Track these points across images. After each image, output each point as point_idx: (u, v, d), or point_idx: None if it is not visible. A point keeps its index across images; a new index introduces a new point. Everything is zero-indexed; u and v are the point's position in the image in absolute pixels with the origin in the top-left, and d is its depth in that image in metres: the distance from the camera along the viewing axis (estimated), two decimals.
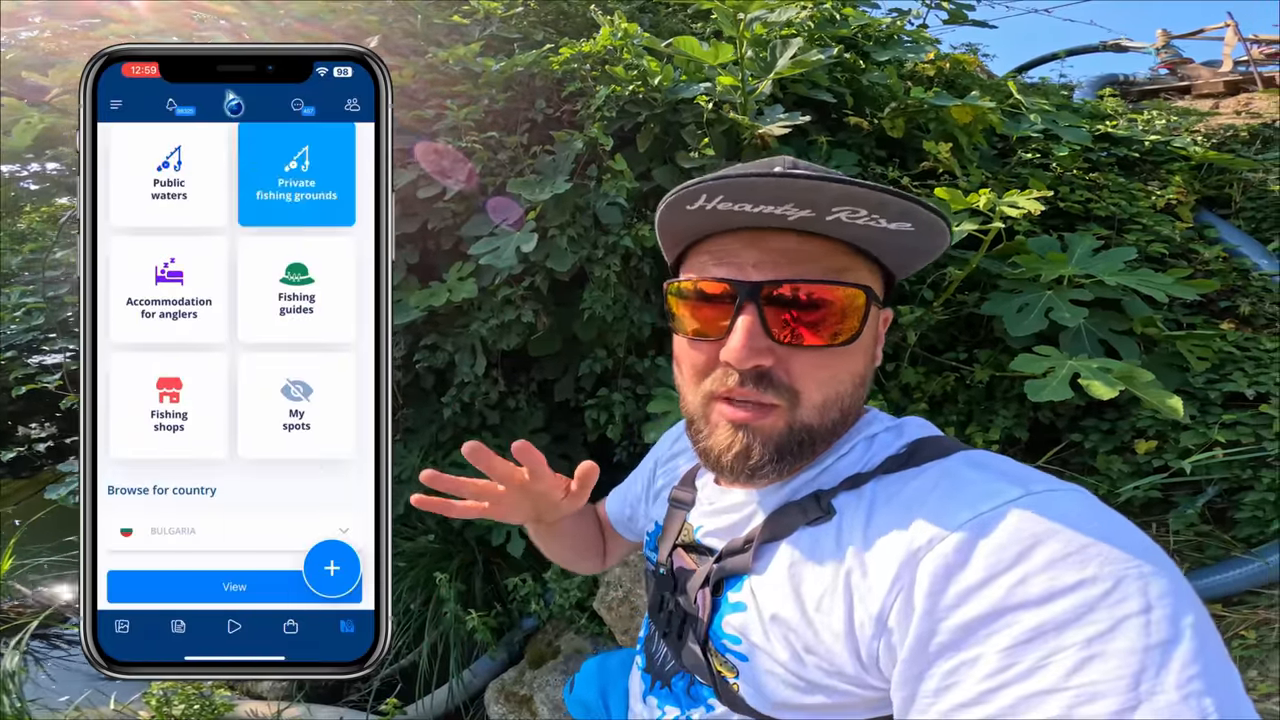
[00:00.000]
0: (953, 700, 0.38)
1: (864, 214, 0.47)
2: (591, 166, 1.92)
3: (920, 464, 0.51)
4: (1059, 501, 0.43)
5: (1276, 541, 1.74)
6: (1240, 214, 2.77)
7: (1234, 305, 2.29)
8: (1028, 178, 2.41)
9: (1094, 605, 0.36)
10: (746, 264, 0.51)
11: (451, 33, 2.23)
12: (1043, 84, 4.08)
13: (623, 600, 1.97)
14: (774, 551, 0.54)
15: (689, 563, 0.62)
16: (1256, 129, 3.33)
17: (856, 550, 0.48)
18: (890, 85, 2.28)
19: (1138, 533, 0.41)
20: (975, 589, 0.40)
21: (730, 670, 0.55)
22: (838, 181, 0.45)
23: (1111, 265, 1.93)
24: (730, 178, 0.47)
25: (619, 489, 0.89)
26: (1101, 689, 0.34)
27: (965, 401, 2.06)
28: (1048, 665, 0.35)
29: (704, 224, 0.53)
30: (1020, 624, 0.37)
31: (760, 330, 0.50)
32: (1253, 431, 1.84)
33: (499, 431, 2.14)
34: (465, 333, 1.98)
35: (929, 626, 0.41)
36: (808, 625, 0.49)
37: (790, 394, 0.51)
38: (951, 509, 0.44)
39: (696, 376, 0.55)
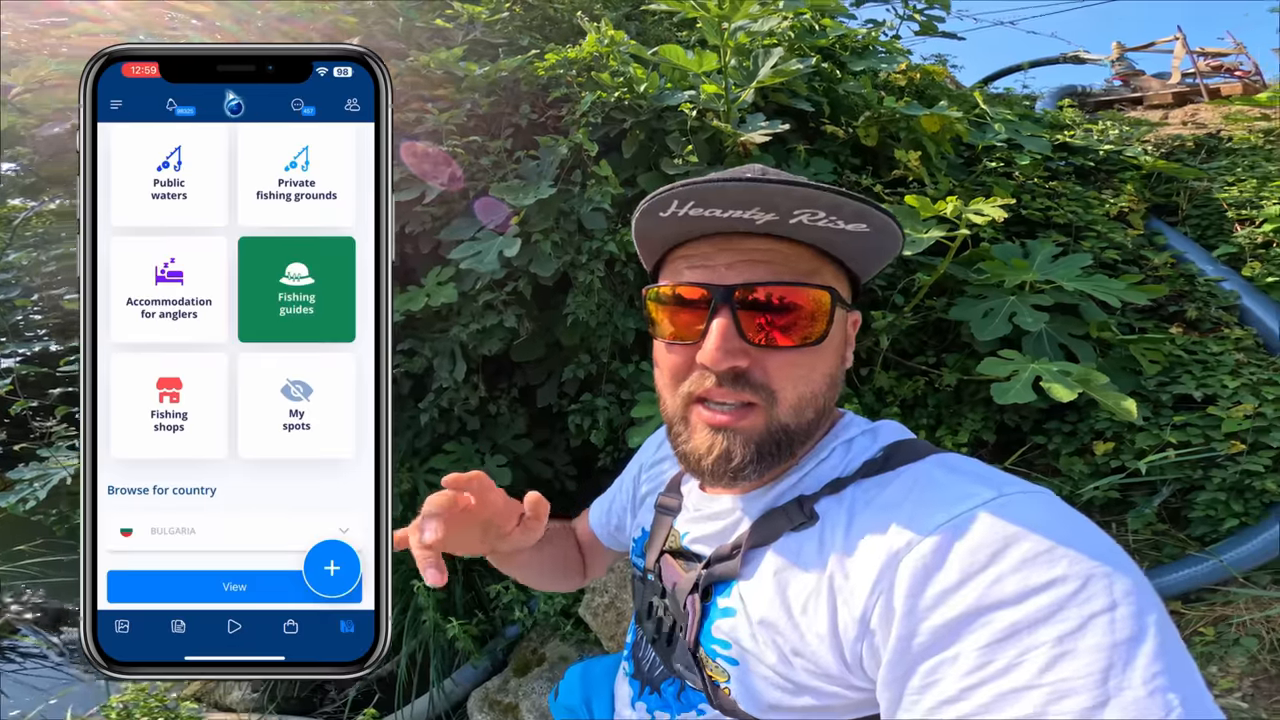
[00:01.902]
0: (935, 698, 0.40)
1: (823, 216, 0.49)
2: (576, 172, 1.93)
3: (895, 468, 0.53)
4: (1028, 503, 0.45)
5: (1230, 539, 1.82)
6: (1187, 221, 2.92)
7: (1182, 310, 2.41)
8: (992, 185, 2.50)
9: (1064, 604, 0.38)
10: (720, 266, 0.53)
11: (434, 36, 2.21)
12: (1007, 94, 4.25)
13: (608, 606, 1.97)
14: (761, 557, 0.55)
15: (677, 569, 0.63)
16: (1202, 139, 3.52)
17: (838, 554, 0.49)
18: (865, 94, 2.35)
19: (1100, 533, 0.44)
20: (952, 590, 0.41)
21: (722, 674, 0.56)
22: (799, 185, 0.48)
23: (1069, 271, 2.02)
24: (699, 184, 0.49)
25: (602, 500, 0.88)
26: (1073, 685, 0.36)
27: (935, 405, 2.12)
28: (1023, 663, 0.37)
29: (678, 230, 0.55)
30: (996, 623, 0.39)
31: (734, 332, 0.51)
32: (1202, 433, 1.94)
33: (479, 437, 2.13)
34: (444, 337, 1.96)
35: (910, 627, 0.42)
36: (794, 628, 0.50)
37: (767, 393, 0.53)
38: (927, 512, 0.46)
39: (675, 379, 0.56)
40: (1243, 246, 2.67)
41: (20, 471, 2.05)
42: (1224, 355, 2.16)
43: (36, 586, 2.91)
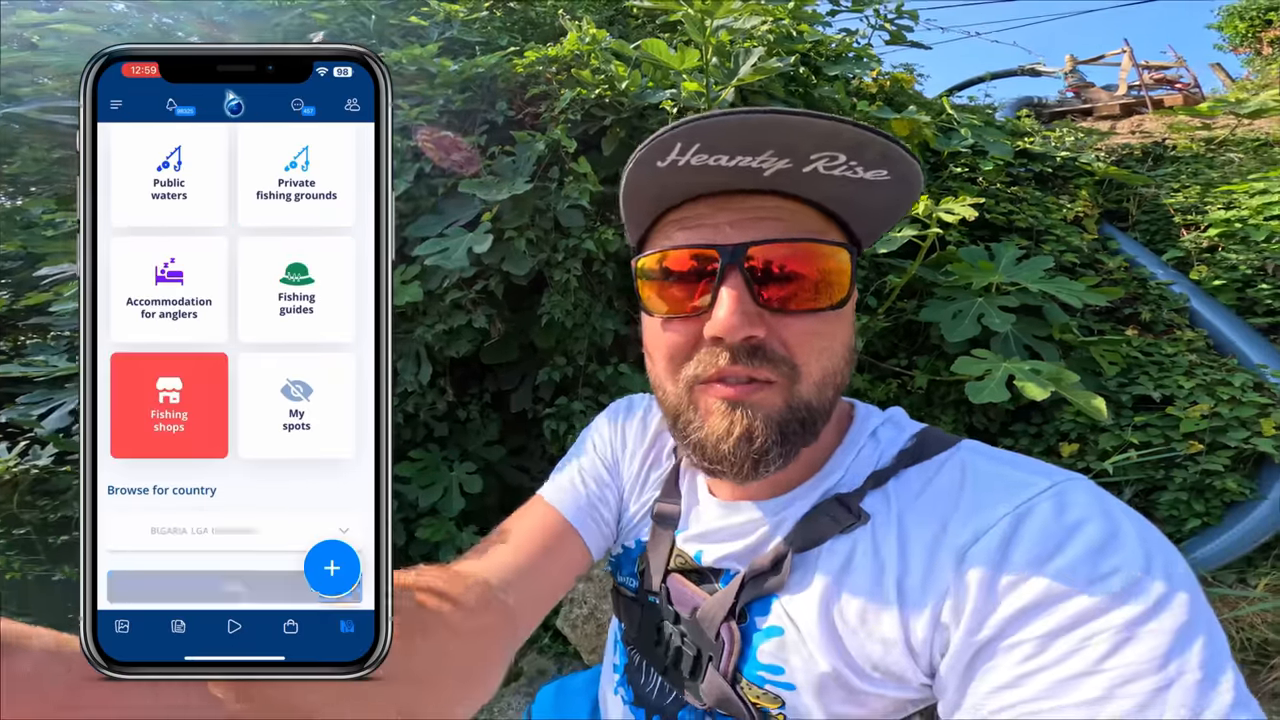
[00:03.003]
0: (990, 684, 0.40)
1: (841, 161, 0.43)
2: (553, 169, 1.92)
3: (930, 456, 0.51)
4: (1081, 490, 0.45)
5: (1193, 539, 1.89)
6: (1137, 226, 3.08)
7: (1136, 312, 2.54)
8: (958, 190, 2.60)
9: (1130, 590, 0.39)
10: (723, 225, 0.47)
11: (408, 34, 2.18)
12: (970, 104, 4.41)
13: (587, 618, 1.92)
14: (807, 566, 0.51)
15: (694, 592, 0.57)
16: (1148, 147, 3.72)
17: (897, 554, 0.47)
18: (838, 99, 2.41)
19: (1142, 518, 0.44)
20: (1022, 579, 0.41)
21: (773, 701, 0.51)
22: (820, 118, 0.42)
23: (1033, 273, 2.10)
24: (706, 119, 0.43)
25: (568, 492, 0.67)
26: (1137, 670, 0.36)
27: (907, 407, 2.18)
28: (1085, 648, 0.37)
29: (675, 185, 0.48)
30: (1066, 610, 0.39)
31: (749, 296, 0.45)
32: (1162, 433, 2.02)
33: (447, 444, 2.07)
34: (409, 339, 1.90)
35: (978, 620, 0.42)
36: (855, 637, 0.48)
37: (789, 367, 0.47)
38: (988, 504, 0.45)
39: (676, 363, 0.50)
40: (1189, 250, 2.82)
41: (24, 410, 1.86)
42: (1178, 356, 2.26)
43: None
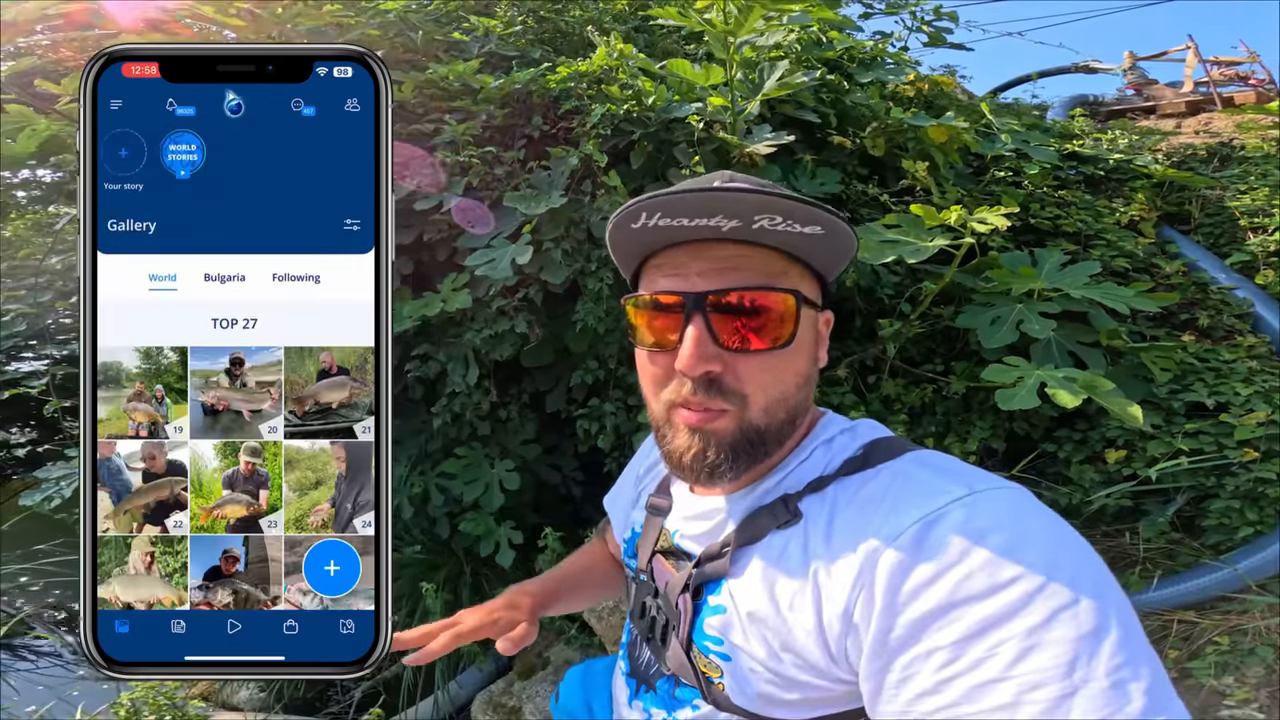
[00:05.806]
0: (913, 690, 0.42)
1: (780, 220, 0.51)
2: (586, 182, 1.96)
3: (875, 465, 0.55)
4: (998, 500, 0.47)
5: (1244, 548, 1.79)
6: (1199, 230, 2.90)
7: (1194, 318, 2.40)
8: (1001, 194, 2.51)
9: (1030, 598, 0.40)
10: (692, 274, 0.55)
11: (450, 49, 2.27)
12: (1016, 104, 4.25)
13: (613, 610, 1.97)
14: (748, 555, 0.57)
15: (668, 569, 0.65)
16: (1214, 148, 3.49)
17: (821, 551, 0.51)
18: (872, 105, 2.37)
19: (1068, 529, 0.46)
20: (926, 584, 0.43)
21: (715, 670, 0.57)
22: (754, 192, 0.50)
23: (1077, 279, 2.02)
24: (663, 195, 0.51)
25: (614, 512, 0.87)
26: (1042, 677, 0.38)
27: (943, 413, 2.12)
28: (994, 656, 0.39)
29: (651, 240, 0.57)
30: (967, 617, 0.41)
31: (708, 338, 0.53)
32: (1215, 440, 1.92)
33: (489, 442, 2.16)
34: (458, 343, 2.00)
35: (888, 621, 0.44)
36: (782, 624, 0.52)
37: (739, 398, 0.54)
38: (903, 508, 0.48)
39: (656, 387, 0.58)
40: (1255, 255, 2.65)
41: (48, 470, 2.10)
42: (1236, 363, 2.14)
43: (55, 586, 2.97)
